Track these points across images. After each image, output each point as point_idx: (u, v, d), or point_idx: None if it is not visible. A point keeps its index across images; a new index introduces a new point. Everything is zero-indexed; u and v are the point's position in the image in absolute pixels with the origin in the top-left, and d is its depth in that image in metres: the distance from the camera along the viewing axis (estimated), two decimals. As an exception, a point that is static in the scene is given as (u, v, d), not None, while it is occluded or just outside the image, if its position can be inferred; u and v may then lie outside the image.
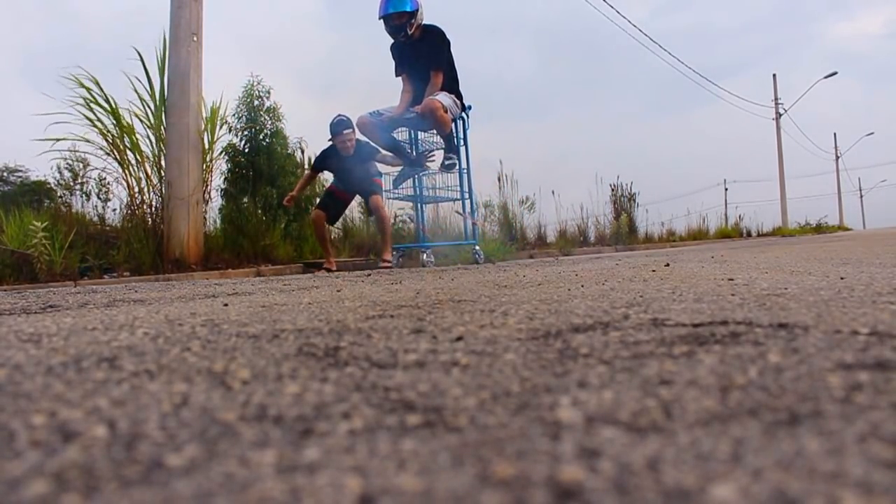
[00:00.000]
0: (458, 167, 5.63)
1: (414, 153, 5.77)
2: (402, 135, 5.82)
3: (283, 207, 6.05)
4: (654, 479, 0.40)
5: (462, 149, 5.66)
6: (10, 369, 0.81)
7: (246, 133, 6.25)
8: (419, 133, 5.92)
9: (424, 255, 5.63)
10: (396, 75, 5.57)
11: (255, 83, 6.38)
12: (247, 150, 6.24)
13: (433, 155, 5.74)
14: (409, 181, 5.88)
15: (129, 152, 5.34)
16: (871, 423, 0.49)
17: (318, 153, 5.71)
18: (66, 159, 6.14)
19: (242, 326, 1.19)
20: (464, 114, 5.69)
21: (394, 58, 5.50)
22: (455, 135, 5.58)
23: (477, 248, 5.91)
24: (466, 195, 5.81)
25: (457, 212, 5.89)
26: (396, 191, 5.86)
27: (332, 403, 0.61)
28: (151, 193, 5.42)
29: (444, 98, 5.23)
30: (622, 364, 0.74)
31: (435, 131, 5.57)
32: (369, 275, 3.80)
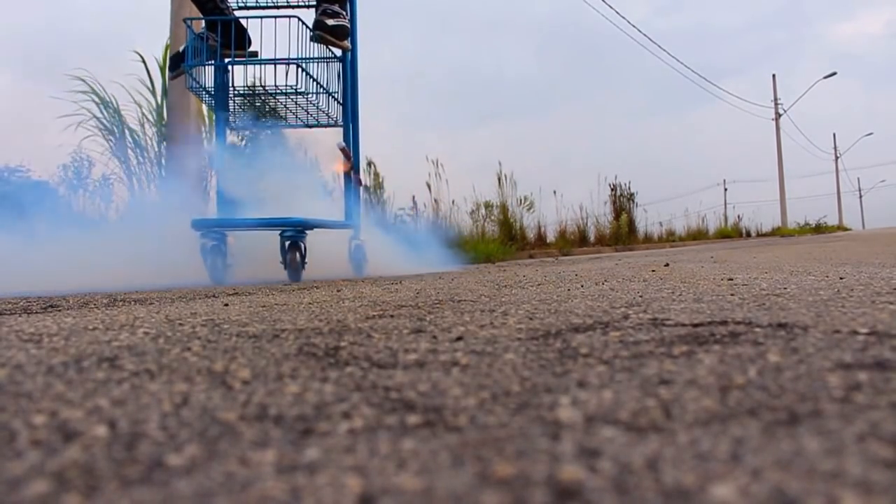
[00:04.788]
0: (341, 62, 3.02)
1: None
2: None
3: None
4: (654, 478, 0.40)
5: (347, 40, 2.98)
6: (11, 369, 0.81)
7: (247, 133, 6.26)
8: None
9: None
10: None
11: (257, 84, 6.39)
12: (247, 150, 6.25)
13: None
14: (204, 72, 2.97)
15: (131, 152, 5.35)
16: (870, 422, 0.49)
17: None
18: (76, 159, 6.16)
19: (243, 326, 1.19)
20: None
21: None
22: None
23: (361, 240, 3.26)
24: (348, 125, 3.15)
25: (339, 146, 3.29)
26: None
27: (333, 403, 0.61)
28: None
29: None
30: (622, 364, 0.74)
31: None
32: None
